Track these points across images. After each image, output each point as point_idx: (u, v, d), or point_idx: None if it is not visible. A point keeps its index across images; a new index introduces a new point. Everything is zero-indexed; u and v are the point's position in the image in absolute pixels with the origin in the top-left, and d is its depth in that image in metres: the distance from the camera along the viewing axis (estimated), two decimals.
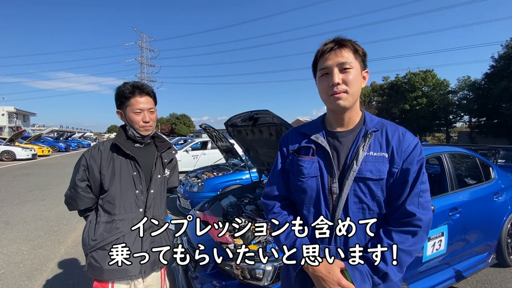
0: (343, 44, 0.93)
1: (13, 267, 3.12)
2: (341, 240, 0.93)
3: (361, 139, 0.96)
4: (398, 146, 0.93)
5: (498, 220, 2.82)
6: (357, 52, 0.94)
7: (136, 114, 1.35)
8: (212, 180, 5.21)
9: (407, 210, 0.89)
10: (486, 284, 2.74)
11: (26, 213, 5.24)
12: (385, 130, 0.97)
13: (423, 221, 0.89)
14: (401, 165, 0.92)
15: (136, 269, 1.34)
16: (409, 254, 0.89)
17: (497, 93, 19.48)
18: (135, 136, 1.41)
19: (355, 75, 0.92)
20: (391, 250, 0.87)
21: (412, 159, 0.92)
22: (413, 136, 0.96)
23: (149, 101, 1.40)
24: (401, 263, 0.88)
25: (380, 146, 0.94)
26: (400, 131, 0.97)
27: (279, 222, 1.03)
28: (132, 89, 1.35)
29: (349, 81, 0.91)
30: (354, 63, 0.92)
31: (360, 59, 0.95)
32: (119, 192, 1.34)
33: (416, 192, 0.90)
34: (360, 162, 0.92)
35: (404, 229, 0.89)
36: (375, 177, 0.91)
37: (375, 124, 0.98)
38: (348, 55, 0.92)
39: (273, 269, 1.65)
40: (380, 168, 0.92)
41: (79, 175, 1.35)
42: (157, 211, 1.46)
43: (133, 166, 1.38)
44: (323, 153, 0.99)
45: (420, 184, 0.91)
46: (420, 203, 0.90)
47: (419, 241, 0.90)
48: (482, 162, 3.03)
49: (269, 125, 2.43)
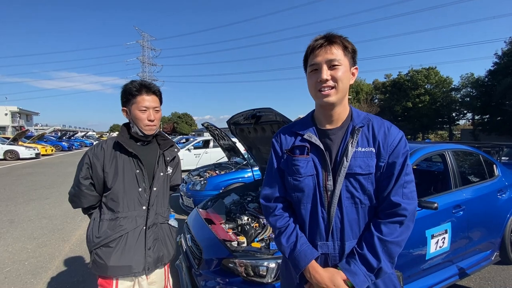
0: (333, 41, 0.95)
1: (19, 265, 3.16)
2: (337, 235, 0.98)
3: (349, 135, 0.98)
4: (384, 141, 0.96)
5: (502, 218, 2.81)
6: (346, 48, 0.95)
7: (141, 112, 1.36)
8: (214, 179, 5.22)
9: (391, 201, 0.93)
10: (489, 282, 2.73)
11: (31, 211, 5.28)
12: (371, 125, 1.00)
13: (408, 210, 0.92)
14: (387, 159, 0.95)
15: (140, 266, 1.36)
16: (398, 245, 0.93)
17: (500, 90, 19.29)
18: (138, 134, 1.42)
19: (344, 72, 0.94)
20: (381, 243, 0.91)
21: (398, 152, 0.95)
22: (397, 130, 0.99)
23: (155, 100, 1.41)
24: (391, 254, 0.92)
25: (368, 141, 0.97)
26: (385, 125, 0.99)
27: (281, 225, 1.05)
28: (139, 87, 1.36)
29: (338, 78, 0.93)
30: (343, 60, 0.94)
31: (350, 56, 0.97)
32: (123, 190, 1.35)
33: (401, 184, 0.94)
34: (349, 158, 0.95)
35: (391, 220, 0.93)
36: (364, 172, 0.95)
37: (361, 120, 1.01)
38: (337, 52, 0.94)
39: (277, 266, 1.66)
40: (369, 163, 0.95)
41: (83, 173, 1.36)
42: (160, 209, 1.47)
43: (136, 164, 1.39)
44: (316, 151, 1.01)
45: (404, 175, 0.94)
46: (405, 193, 0.94)
47: (405, 231, 0.94)
48: (486, 159, 3.01)
49: (272, 123, 2.43)
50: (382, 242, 0.91)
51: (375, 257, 0.91)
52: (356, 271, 0.91)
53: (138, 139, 1.45)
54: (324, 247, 0.99)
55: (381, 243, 0.91)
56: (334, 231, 0.97)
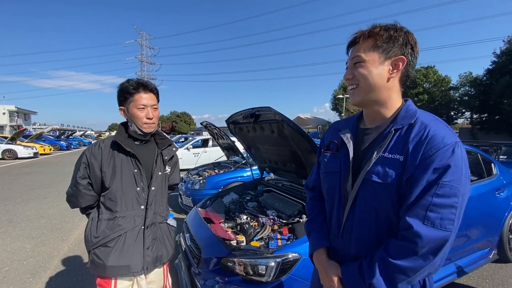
0: (364, 35, 0.88)
1: (17, 264, 3.15)
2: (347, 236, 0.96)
3: (381, 138, 0.88)
4: (416, 149, 0.79)
5: (500, 216, 2.82)
6: (379, 40, 0.85)
7: (139, 110, 1.36)
8: (213, 178, 5.22)
9: (405, 220, 0.77)
10: (487, 280, 2.75)
11: (29, 211, 5.27)
12: (412, 128, 0.83)
13: (423, 238, 0.73)
14: (413, 171, 0.78)
15: (139, 266, 1.35)
16: (403, 273, 0.77)
17: (498, 89, 19.32)
18: (136, 133, 1.41)
19: (366, 70, 0.86)
20: (381, 261, 0.80)
21: (427, 165, 0.76)
22: (443, 137, 0.77)
23: (153, 98, 1.41)
24: (392, 279, 0.79)
25: (397, 147, 0.83)
26: (428, 130, 0.80)
27: (309, 211, 1.16)
28: (136, 85, 1.36)
29: (359, 76, 0.88)
30: (368, 55, 0.86)
31: (384, 47, 0.85)
32: (121, 190, 1.35)
33: (424, 204, 0.75)
34: (371, 163, 0.86)
35: (402, 243, 0.78)
36: (380, 181, 0.83)
37: (405, 120, 0.86)
38: (363, 48, 0.87)
39: (276, 264, 1.66)
40: (389, 172, 0.82)
41: (80, 172, 1.35)
42: (158, 208, 1.47)
43: (134, 164, 1.39)
44: (345, 150, 0.98)
45: (432, 196, 0.74)
46: (429, 217, 0.74)
47: (419, 261, 0.76)
48: (484, 158, 3.02)
49: (271, 122, 2.42)
50: (382, 261, 0.80)
51: (369, 271, 0.82)
52: (350, 275, 0.89)
53: (136, 138, 1.45)
54: (335, 243, 1.01)
55: (381, 261, 0.80)
56: (345, 231, 0.96)
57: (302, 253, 1.70)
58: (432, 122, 0.82)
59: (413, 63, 0.88)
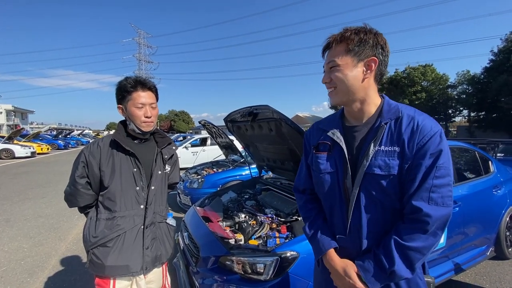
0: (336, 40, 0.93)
1: (15, 264, 3.14)
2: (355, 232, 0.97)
3: (372, 133, 0.93)
4: (410, 139, 0.87)
5: (497, 213, 2.84)
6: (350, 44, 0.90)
7: (138, 108, 1.34)
8: (212, 176, 5.22)
9: (413, 205, 0.85)
10: (484, 277, 2.77)
11: (27, 210, 5.25)
12: (400, 121, 0.90)
13: (432, 217, 0.82)
14: (412, 159, 0.86)
15: (138, 266, 1.34)
16: (419, 252, 0.85)
17: (496, 87, 19.39)
18: (135, 132, 1.40)
19: (341, 71, 0.92)
20: (397, 247, 0.85)
21: (424, 152, 0.85)
22: (431, 126, 0.87)
23: (151, 96, 1.39)
24: (410, 260, 0.85)
25: (392, 140, 0.89)
26: (415, 120, 0.88)
27: (305, 215, 1.15)
28: (134, 83, 1.33)
29: (335, 79, 0.94)
30: (342, 59, 0.91)
31: (356, 50, 0.90)
32: (120, 189, 1.33)
33: (426, 188, 0.84)
34: (370, 158, 0.90)
35: (413, 226, 0.85)
36: (383, 173, 0.88)
37: (390, 115, 0.93)
38: (336, 53, 0.93)
39: (274, 263, 1.66)
40: (390, 163, 0.88)
41: (78, 171, 1.33)
42: (158, 208, 1.46)
43: (133, 163, 1.37)
44: (338, 149, 1.00)
45: (433, 179, 0.84)
46: (432, 198, 0.84)
47: (430, 238, 0.84)
48: (481, 155, 3.04)
49: (269, 120, 2.42)
50: (399, 246, 0.85)
51: (388, 259, 0.86)
52: (369, 268, 0.90)
53: (135, 137, 1.43)
54: (342, 241, 1.01)
55: (397, 247, 0.85)
56: (352, 228, 0.97)
57: (301, 251, 1.70)
58: (416, 114, 0.91)
59: (385, 62, 0.94)
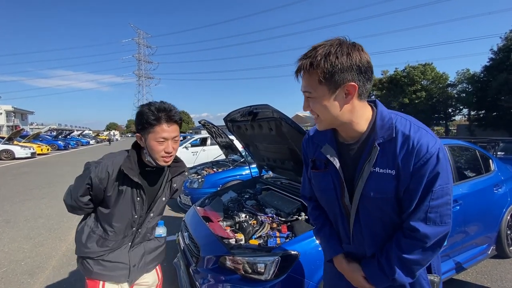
0: (305, 68, 0.81)
1: (15, 265, 3.13)
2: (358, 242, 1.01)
3: (366, 153, 0.89)
4: (406, 162, 0.82)
5: (498, 212, 2.83)
6: (322, 74, 0.79)
7: (159, 143, 1.21)
8: (212, 176, 5.21)
9: (410, 225, 0.85)
10: (486, 275, 2.76)
11: (27, 211, 5.24)
12: (395, 141, 0.84)
13: (430, 236, 0.83)
14: (408, 183, 0.83)
15: (124, 278, 1.36)
16: (419, 264, 0.88)
17: (496, 86, 19.40)
18: (151, 163, 1.30)
19: (319, 102, 0.84)
20: (398, 260, 0.89)
21: (420, 177, 0.82)
22: (427, 147, 0.81)
23: (176, 129, 1.25)
24: (410, 270, 0.89)
25: (387, 162, 0.85)
26: (410, 142, 0.82)
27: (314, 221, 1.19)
28: (158, 115, 1.18)
29: (315, 110, 0.87)
30: (317, 90, 0.82)
31: (329, 81, 0.80)
32: (119, 215, 1.31)
33: (424, 209, 0.83)
34: (365, 179, 0.88)
35: (412, 242, 0.86)
36: (379, 196, 0.87)
37: (384, 132, 0.86)
38: (310, 82, 0.83)
39: (275, 262, 1.65)
40: (384, 187, 0.86)
41: (82, 191, 1.26)
42: (150, 228, 1.45)
43: (138, 193, 1.31)
44: (334, 168, 0.96)
45: (429, 201, 0.82)
46: (430, 218, 0.83)
47: (429, 253, 0.87)
48: (482, 154, 3.03)
49: (269, 119, 2.41)
50: (399, 259, 0.88)
51: (389, 269, 0.90)
52: (374, 273, 0.95)
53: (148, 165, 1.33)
54: (347, 248, 1.06)
55: (398, 259, 0.88)
56: (355, 238, 1.00)
57: (301, 251, 1.70)
58: (412, 131, 0.84)
59: (365, 80, 0.83)
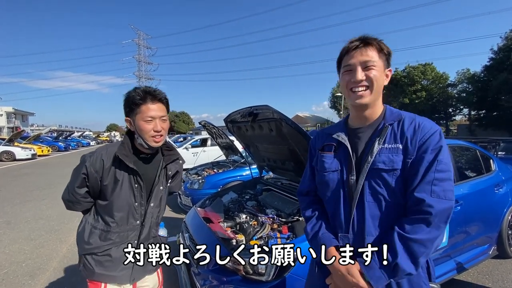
0: (368, 42, 0.96)
1: (16, 266, 3.13)
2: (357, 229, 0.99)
3: (377, 133, 0.99)
4: (413, 136, 0.94)
5: (499, 212, 2.83)
6: (382, 50, 0.97)
7: (146, 122, 1.24)
8: (212, 177, 5.21)
9: (415, 197, 0.88)
10: (487, 276, 2.76)
11: (27, 212, 5.25)
12: (402, 122, 0.98)
13: (435, 208, 0.85)
14: (414, 155, 0.92)
15: (126, 278, 1.35)
16: (423, 245, 0.85)
17: (496, 86, 19.37)
18: (143, 146, 1.32)
19: (378, 73, 0.96)
20: (400, 239, 0.87)
21: (426, 148, 0.91)
22: (430, 125, 0.95)
23: (162, 108, 1.28)
24: (413, 253, 0.86)
25: (395, 138, 0.96)
26: (417, 121, 0.97)
27: (308, 215, 1.17)
28: (143, 95, 1.23)
29: (372, 78, 0.95)
30: (377, 61, 0.96)
31: (384, 58, 0.98)
32: (118, 204, 1.31)
33: (428, 180, 0.88)
34: (374, 155, 0.96)
35: (415, 217, 0.88)
36: (387, 168, 0.93)
37: (393, 118, 1.00)
38: (372, 54, 0.96)
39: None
40: (393, 159, 0.93)
41: (78, 182, 1.28)
42: (154, 223, 1.45)
43: (135, 179, 1.32)
44: (343, 149, 1.05)
45: (434, 172, 0.88)
46: (434, 191, 0.87)
47: (433, 231, 0.86)
48: (483, 154, 3.03)
49: (269, 120, 2.41)
50: (401, 238, 0.87)
51: (391, 251, 0.87)
52: (372, 265, 0.89)
53: (141, 151, 1.36)
54: (344, 239, 1.03)
55: (400, 238, 0.87)
56: (355, 224, 0.99)
57: (302, 252, 1.69)
58: (416, 117, 1.00)
59: None
